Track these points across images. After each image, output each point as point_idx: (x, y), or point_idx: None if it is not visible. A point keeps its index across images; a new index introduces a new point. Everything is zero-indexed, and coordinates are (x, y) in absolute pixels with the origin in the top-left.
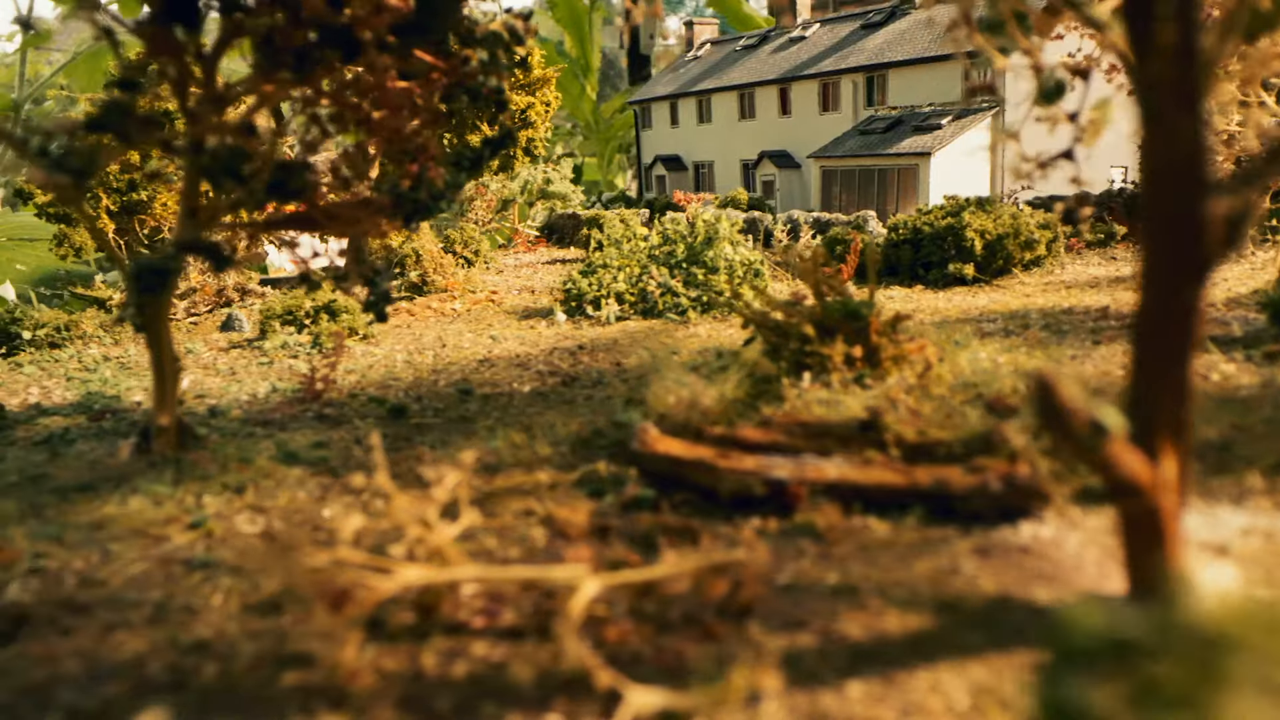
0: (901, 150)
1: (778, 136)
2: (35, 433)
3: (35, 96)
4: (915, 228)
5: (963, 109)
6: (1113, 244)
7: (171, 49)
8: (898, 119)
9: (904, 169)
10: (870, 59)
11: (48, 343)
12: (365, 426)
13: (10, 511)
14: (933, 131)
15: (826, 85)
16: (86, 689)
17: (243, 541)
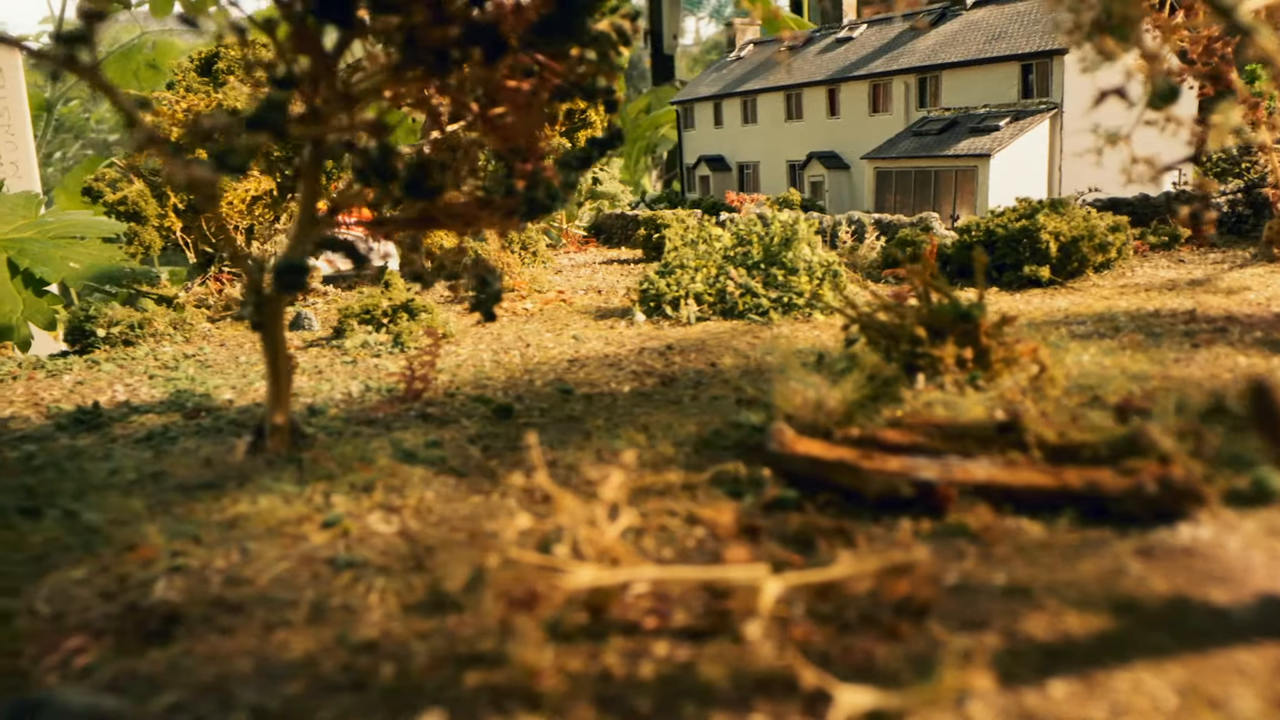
0: (959, 152)
1: (826, 137)
2: (132, 430)
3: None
4: (988, 230)
5: (1019, 110)
6: (1176, 246)
7: (313, 48)
8: (953, 120)
9: (962, 170)
10: (922, 60)
11: (121, 340)
12: (472, 425)
13: (138, 509)
14: (990, 133)
15: (877, 86)
16: (264, 688)
17: (381, 541)
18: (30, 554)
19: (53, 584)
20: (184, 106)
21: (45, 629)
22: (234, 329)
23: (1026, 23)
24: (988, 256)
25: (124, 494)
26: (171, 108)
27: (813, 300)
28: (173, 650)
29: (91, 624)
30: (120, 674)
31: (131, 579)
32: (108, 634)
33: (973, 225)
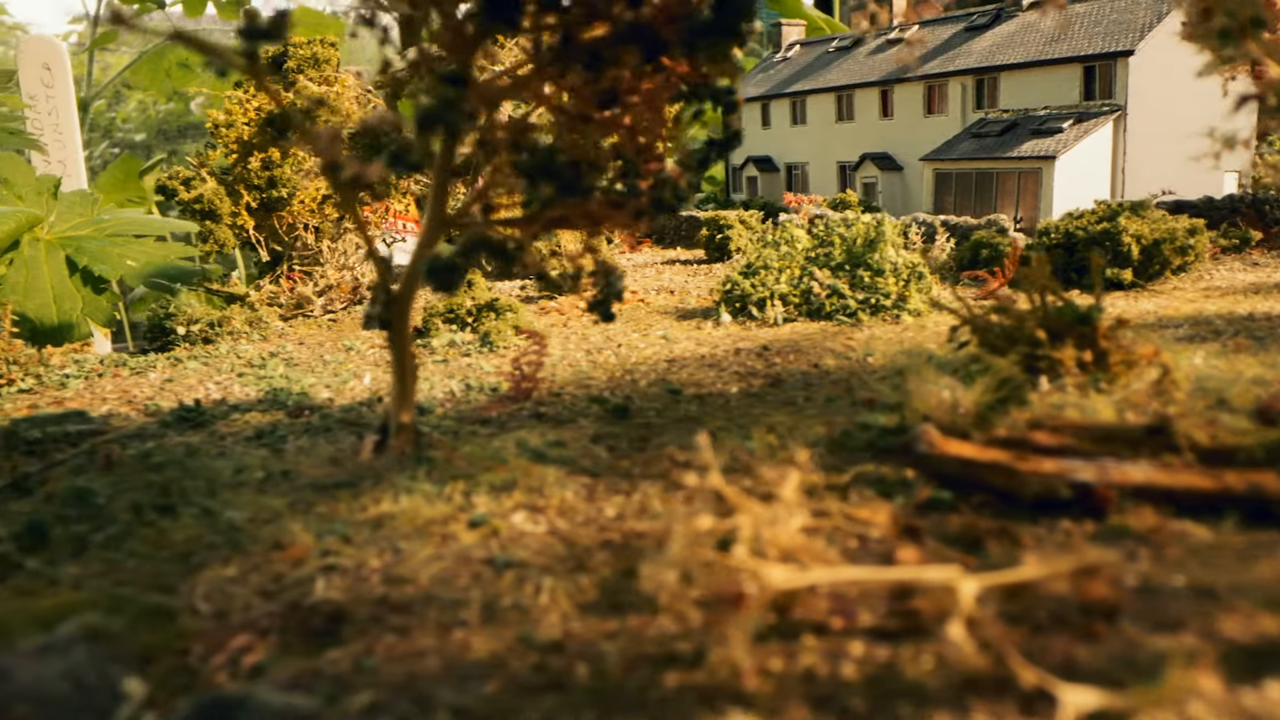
0: (1023, 154)
1: (879, 139)
2: (239, 428)
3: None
4: (1068, 232)
5: (1081, 112)
6: (1247, 249)
7: (467, 47)
8: (1013, 122)
9: (1025, 172)
10: (979, 61)
11: (201, 338)
12: (590, 426)
13: (278, 507)
14: (1054, 135)
15: (932, 88)
16: (459, 688)
17: (534, 541)
18: (175, 551)
19: (207, 582)
20: (255, 105)
21: (209, 627)
22: (307, 327)
23: (1087, 24)
24: (1064, 259)
25: (258, 492)
26: (244, 106)
27: (899, 302)
28: (352, 649)
29: (255, 623)
30: (301, 673)
31: (287, 578)
32: (272, 633)
33: (1052, 228)
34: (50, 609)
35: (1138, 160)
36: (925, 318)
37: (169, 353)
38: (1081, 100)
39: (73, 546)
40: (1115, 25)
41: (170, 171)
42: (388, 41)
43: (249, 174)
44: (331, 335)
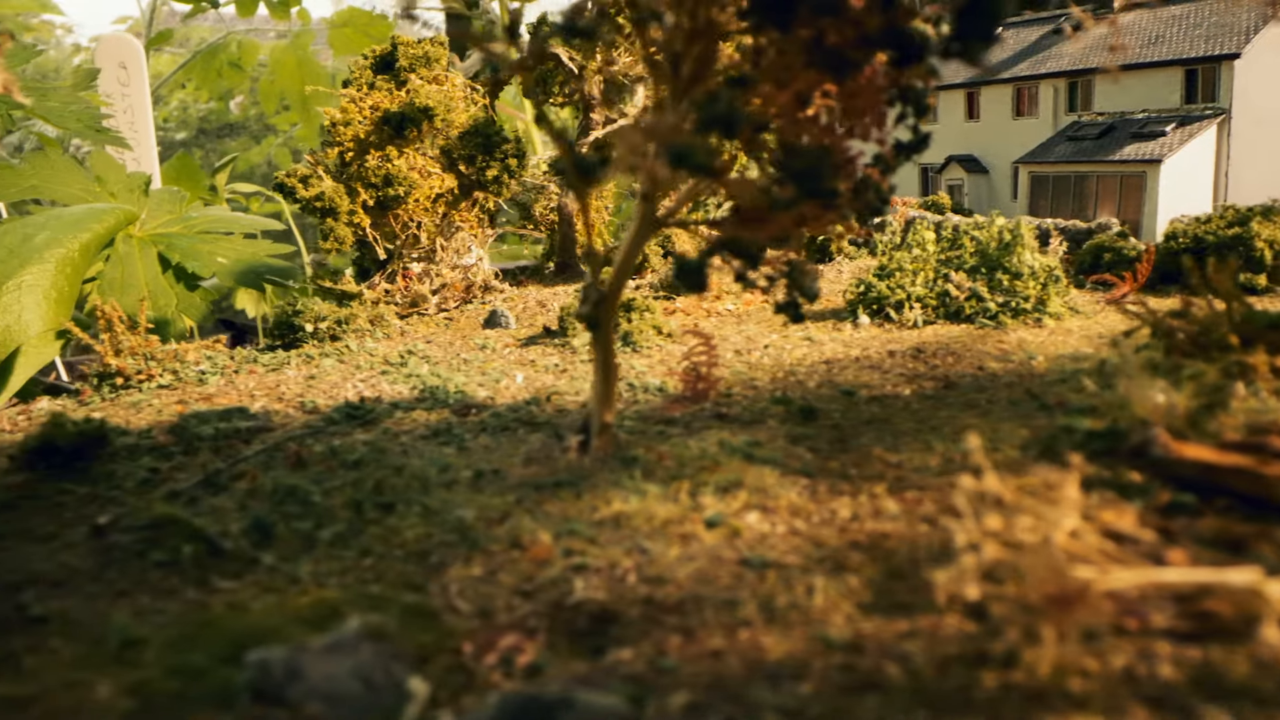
0: (1125, 157)
1: (964, 141)
2: (410, 426)
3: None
4: (1196, 236)
5: (1184, 116)
6: None
7: (712, 47)
8: (1109, 125)
9: (1127, 176)
10: (1073, 64)
11: (329, 335)
12: (778, 426)
13: (503, 506)
14: (1157, 139)
15: (1021, 90)
16: (773, 688)
17: (779, 541)
18: (410, 549)
19: (457, 581)
20: (370, 104)
21: (474, 627)
22: (425, 325)
23: (1186, 26)
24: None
25: (473, 491)
26: (359, 105)
27: (1039, 305)
28: (642, 649)
29: (521, 623)
30: (592, 673)
31: (538, 578)
32: (538, 633)
33: (1179, 232)
34: (308, 607)
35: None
36: (1065, 321)
37: (298, 349)
38: (1183, 104)
39: (300, 544)
40: (1217, 28)
41: (287, 169)
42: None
43: (366, 172)
44: (454, 333)
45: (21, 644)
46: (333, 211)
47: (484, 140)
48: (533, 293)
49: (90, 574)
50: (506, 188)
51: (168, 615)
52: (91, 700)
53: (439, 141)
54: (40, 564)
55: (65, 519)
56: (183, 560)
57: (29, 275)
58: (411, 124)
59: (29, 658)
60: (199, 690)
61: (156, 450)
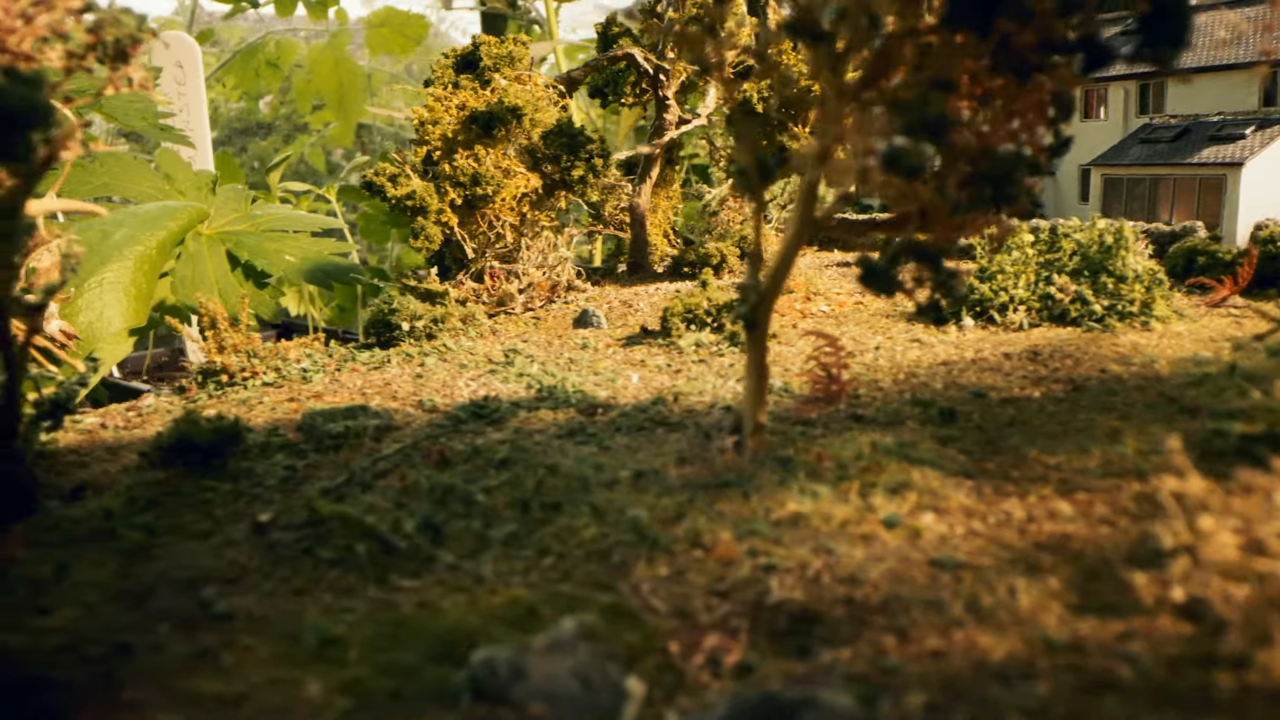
0: (1203, 160)
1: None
2: (541, 426)
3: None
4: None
5: (1263, 119)
6: None
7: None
8: (1184, 128)
9: (1205, 179)
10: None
11: (425, 334)
12: (918, 427)
13: (672, 506)
14: (1236, 141)
15: (1090, 92)
16: (1008, 688)
17: (961, 542)
18: (588, 549)
19: (647, 580)
20: (456, 103)
21: (675, 627)
22: (514, 324)
23: (1262, 28)
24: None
25: (636, 491)
26: (445, 104)
27: (1144, 308)
28: (860, 649)
29: (722, 623)
30: (810, 672)
31: (728, 578)
32: (741, 632)
33: (1277, 235)
34: (502, 607)
35: None
36: (1172, 324)
37: (395, 348)
38: (1261, 106)
39: (473, 542)
40: None
41: (377, 168)
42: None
43: (455, 171)
44: (547, 333)
45: (214, 641)
46: (423, 210)
47: (568, 140)
48: (612, 293)
49: (261, 571)
50: (591, 188)
51: (356, 614)
52: (302, 698)
53: (521, 141)
54: (207, 561)
55: (217, 516)
56: (357, 558)
57: (110, 272)
58: (500, 123)
59: (226, 655)
60: (414, 689)
61: (287, 448)
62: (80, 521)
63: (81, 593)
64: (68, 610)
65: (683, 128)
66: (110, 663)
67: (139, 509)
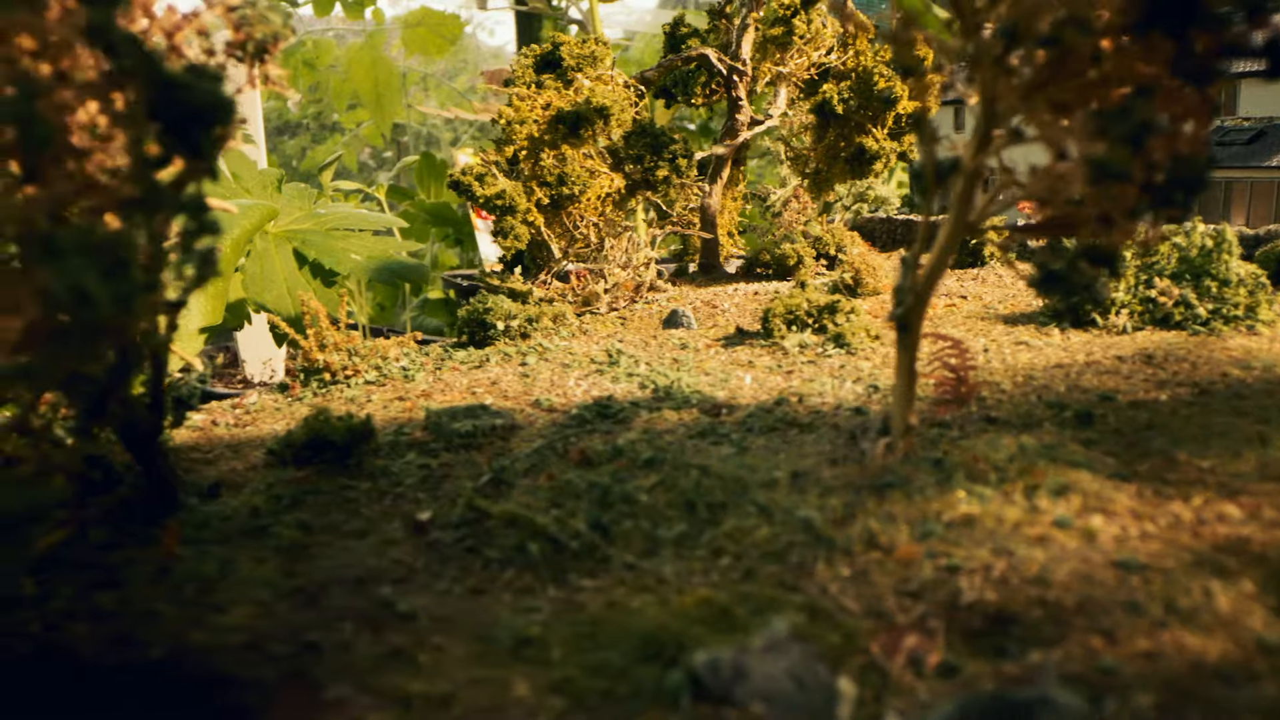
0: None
1: None
2: (665, 427)
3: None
4: None
5: None
6: None
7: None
8: (1259, 131)
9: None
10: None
11: (520, 333)
12: (1056, 430)
13: (839, 508)
14: None
15: None
16: (1232, 688)
17: (1139, 546)
18: (764, 549)
19: (833, 581)
20: (542, 102)
21: (871, 627)
22: (603, 324)
23: None
24: None
25: (796, 492)
26: (531, 103)
27: (1249, 312)
28: (1070, 650)
29: (919, 623)
30: (1024, 674)
31: (914, 578)
32: (938, 633)
33: None
34: (694, 607)
35: None
36: (1277, 328)
37: (491, 346)
38: None
39: (643, 542)
40: None
41: (465, 166)
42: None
43: (542, 170)
44: (637, 332)
45: (403, 640)
46: (512, 209)
47: (652, 140)
48: (690, 293)
49: (429, 570)
50: (676, 188)
51: (542, 613)
52: (511, 698)
53: (604, 141)
54: (371, 560)
55: (365, 515)
56: (528, 558)
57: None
58: (587, 123)
59: (421, 655)
60: (626, 689)
61: (416, 446)
62: (228, 519)
63: (251, 590)
64: (243, 608)
65: (754, 129)
66: (298, 661)
67: (284, 507)
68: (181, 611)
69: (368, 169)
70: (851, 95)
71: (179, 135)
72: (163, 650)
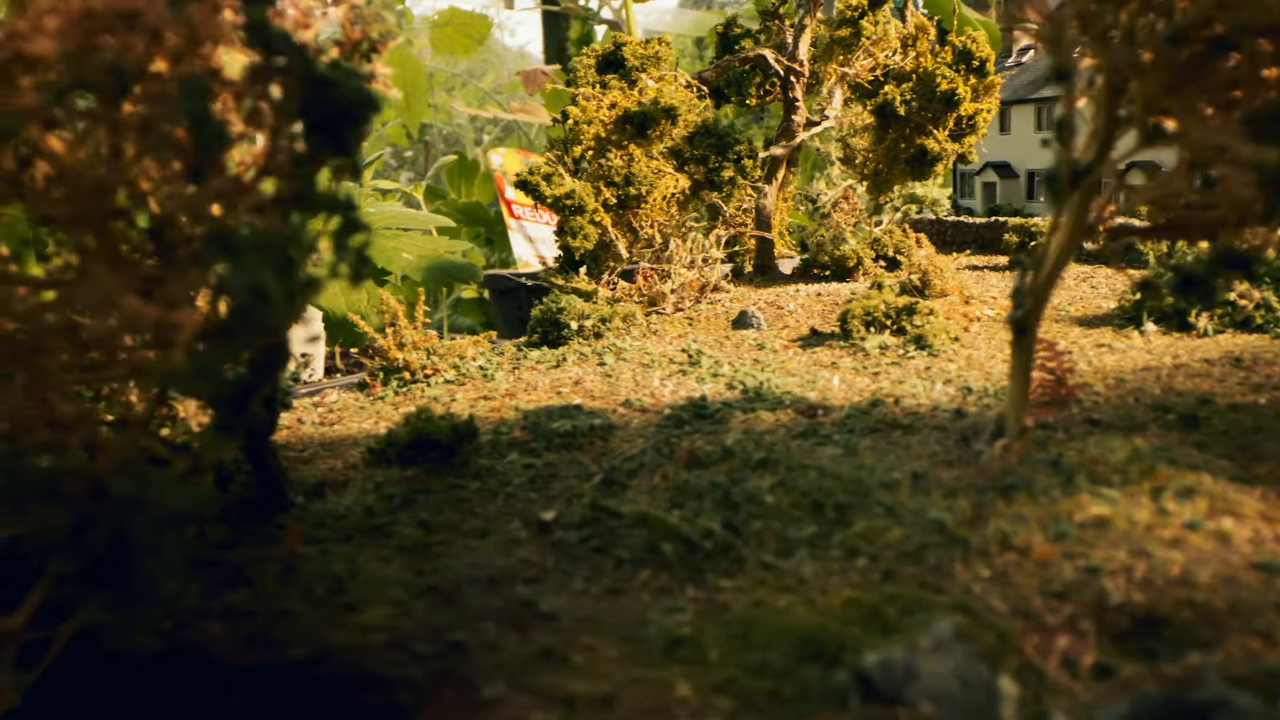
0: None
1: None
2: (764, 427)
3: None
4: None
5: None
6: None
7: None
8: None
9: None
10: None
11: (593, 333)
12: (1163, 432)
13: (966, 509)
14: None
15: None
16: None
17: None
18: (898, 550)
19: (974, 582)
20: (608, 102)
21: (1024, 628)
22: (672, 325)
23: None
24: None
25: (919, 494)
26: (596, 103)
27: None
28: (1230, 651)
29: (1069, 624)
30: (1186, 675)
31: (1055, 580)
32: (1088, 635)
33: None
34: (842, 607)
35: None
36: None
37: (565, 346)
38: None
39: (776, 542)
40: None
41: (532, 166)
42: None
43: (609, 171)
44: (707, 332)
45: (550, 640)
46: (581, 209)
47: (716, 141)
48: (750, 293)
49: (561, 570)
50: (741, 189)
51: (686, 613)
52: (673, 698)
53: (668, 142)
54: (500, 560)
55: (481, 514)
56: (660, 558)
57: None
58: (654, 123)
59: (574, 655)
60: (791, 690)
61: (516, 446)
62: (343, 517)
63: (383, 590)
64: (379, 608)
65: (811, 130)
66: (446, 660)
67: (396, 506)
68: (316, 611)
69: (389, 168)
70: (913, 96)
71: (327, 133)
72: (305, 650)
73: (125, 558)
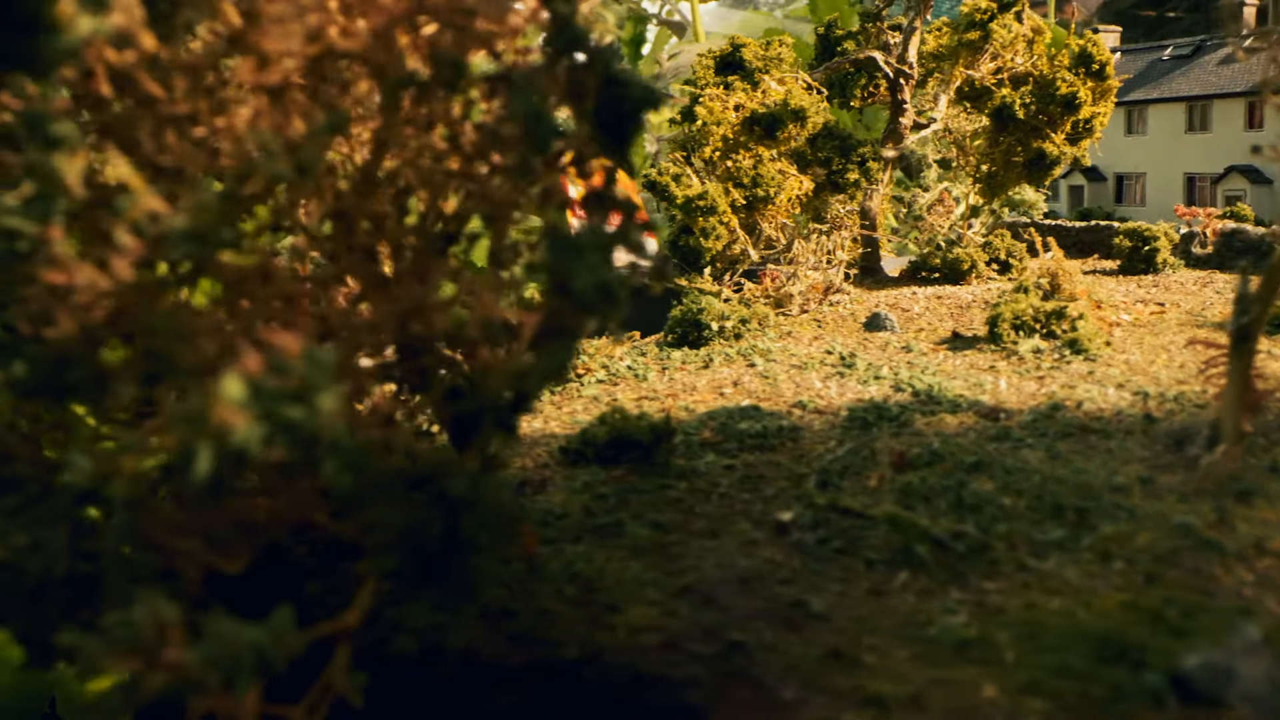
0: None
1: (1243, 151)
2: (951, 431)
3: None
4: None
5: None
6: None
7: None
8: None
9: None
10: None
11: (733, 334)
12: None
13: (1204, 512)
14: None
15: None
16: None
17: None
18: (1150, 554)
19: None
20: (734, 103)
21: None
22: (802, 326)
23: None
24: None
25: (1152, 498)
26: (722, 104)
27: None
28: None
29: None
30: None
31: None
32: None
33: None
34: (1118, 609)
35: None
36: None
37: (706, 347)
38: None
39: (1026, 545)
40: None
41: (660, 167)
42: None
43: (739, 172)
44: (841, 334)
45: (833, 641)
46: (712, 210)
47: (840, 143)
48: (867, 295)
49: (810, 571)
50: (865, 192)
51: (960, 615)
52: (982, 699)
53: (791, 144)
54: (743, 561)
55: (701, 514)
56: (912, 559)
57: None
58: (781, 125)
59: (864, 656)
60: (1101, 691)
61: (709, 446)
62: (562, 517)
63: (637, 591)
64: (639, 608)
65: (920, 133)
66: (728, 661)
67: (612, 506)
68: (576, 611)
69: None
70: (1032, 99)
71: (613, 131)
72: (577, 650)
73: (455, 557)
